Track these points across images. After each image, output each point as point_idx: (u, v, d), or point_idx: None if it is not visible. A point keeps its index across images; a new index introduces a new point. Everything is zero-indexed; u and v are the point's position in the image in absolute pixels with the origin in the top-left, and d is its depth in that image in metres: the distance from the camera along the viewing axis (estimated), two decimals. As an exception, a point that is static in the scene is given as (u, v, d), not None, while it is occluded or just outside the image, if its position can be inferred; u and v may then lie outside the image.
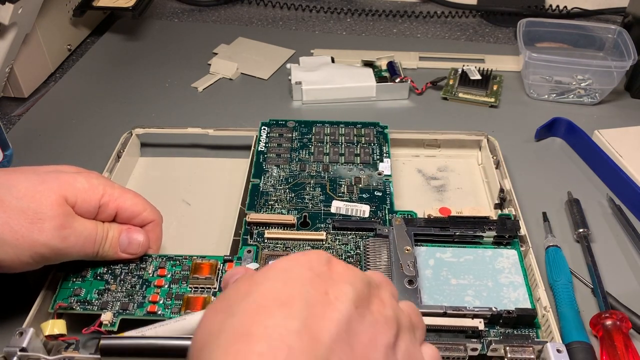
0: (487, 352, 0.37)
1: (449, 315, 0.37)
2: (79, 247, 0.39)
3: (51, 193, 0.38)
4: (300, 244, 0.44)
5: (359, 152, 0.52)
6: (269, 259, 0.42)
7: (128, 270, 0.42)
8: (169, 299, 0.40)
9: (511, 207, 0.48)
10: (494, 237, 0.44)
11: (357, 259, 0.42)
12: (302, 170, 0.50)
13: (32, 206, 0.37)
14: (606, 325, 0.41)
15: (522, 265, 0.43)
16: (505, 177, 0.51)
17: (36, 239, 0.37)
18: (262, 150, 0.52)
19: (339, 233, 0.44)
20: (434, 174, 0.55)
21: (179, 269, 0.42)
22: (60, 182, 0.39)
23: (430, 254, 0.44)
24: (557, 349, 0.37)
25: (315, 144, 0.53)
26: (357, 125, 0.55)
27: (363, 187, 0.48)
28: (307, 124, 0.55)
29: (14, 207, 0.37)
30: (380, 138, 0.53)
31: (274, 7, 0.84)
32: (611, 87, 0.63)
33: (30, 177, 0.39)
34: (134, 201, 0.42)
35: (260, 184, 0.48)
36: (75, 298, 0.40)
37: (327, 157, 0.51)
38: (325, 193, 0.48)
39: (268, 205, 0.46)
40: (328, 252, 0.42)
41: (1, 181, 0.38)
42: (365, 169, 0.50)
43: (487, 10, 0.81)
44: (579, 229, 0.49)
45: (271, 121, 0.55)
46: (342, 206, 0.47)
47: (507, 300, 0.41)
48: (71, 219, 0.39)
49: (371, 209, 0.46)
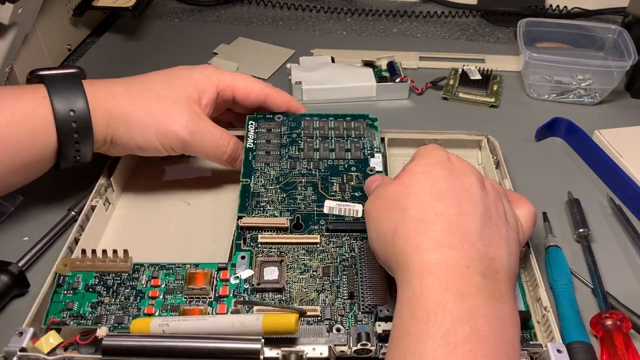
0: None
1: None
2: (204, 146, 0.47)
3: (180, 90, 0.47)
4: (294, 247, 0.43)
5: (350, 147, 0.51)
6: (264, 266, 0.41)
7: (120, 281, 0.41)
8: (164, 311, 0.40)
9: None
10: None
11: (352, 262, 0.42)
12: (292, 168, 0.49)
13: (169, 100, 0.46)
14: (606, 325, 0.41)
15: None
16: (506, 177, 0.51)
17: (170, 129, 0.45)
18: (251, 147, 0.50)
19: (332, 235, 0.44)
20: None
21: (173, 278, 0.41)
22: (184, 79, 0.48)
23: None
24: (558, 349, 0.37)
25: (305, 139, 0.51)
26: (346, 118, 0.53)
27: (355, 185, 0.48)
28: (296, 118, 0.53)
29: (154, 100, 0.46)
30: (370, 131, 0.53)
31: (274, 7, 0.84)
32: (611, 87, 0.63)
33: (161, 77, 0.48)
34: (245, 82, 0.50)
35: (251, 184, 0.47)
36: (68, 312, 0.39)
37: (318, 154, 0.50)
38: (317, 192, 0.47)
39: (260, 207, 0.46)
40: (322, 255, 0.43)
41: (140, 82, 0.47)
42: (356, 164, 0.49)
43: (487, 10, 0.81)
44: (579, 229, 0.49)
45: (258, 115, 0.53)
46: (335, 206, 0.46)
47: None
48: (198, 118, 0.47)
49: (364, 209, 0.46)
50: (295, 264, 0.42)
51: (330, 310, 0.39)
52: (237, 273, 0.42)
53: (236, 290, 0.41)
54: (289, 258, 0.42)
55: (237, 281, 0.41)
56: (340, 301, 0.40)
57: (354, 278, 0.41)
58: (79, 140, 0.44)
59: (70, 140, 0.43)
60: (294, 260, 0.42)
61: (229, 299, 0.40)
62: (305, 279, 0.41)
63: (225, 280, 0.41)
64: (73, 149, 0.44)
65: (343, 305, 0.40)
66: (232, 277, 0.41)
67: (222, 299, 0.40)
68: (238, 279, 0.41)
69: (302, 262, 0.42)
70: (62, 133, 0.43)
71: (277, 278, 0.41)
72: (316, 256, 0.43)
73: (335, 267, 0.42)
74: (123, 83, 0.47)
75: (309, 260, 0.42)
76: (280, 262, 0.42)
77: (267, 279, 0.41)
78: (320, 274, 0.42)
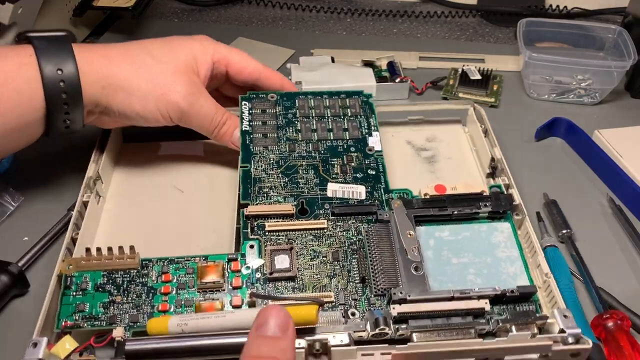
0: (495, 331, 0.38)
1: (456, 299, 0.38)
2: (200, 118, 0.47)
3: (181, 60, 0.46)
4: (302, 234, 0.43)
5: (347, 126, 0.50)
6: (274, 255, 0.41)
7: (130, 278, 0.40)
8: (178, 307, 0.39)
9: (503, 175, 0.49)
10: (488, 212, 0.45)
11: (360, 245, 0.42)
12: (292, 151, 0.48)
13: (170, 68, 0.45)
14: (608, 326, 0.41)
15: (516, 237, 0.44)
16: (495, 146, 0.51)
17: (171, 97, 0.45)
18: (247, 129, 0.49)
19: (338, 219, 0.44)
20: (423, 144, 0.56)
21: (183, 272, 0.41)
22: (184, 49, 0.47)
23: (429, 234, 0.44)
24: (564, 315, 0.37)
25: (302, 119, 0.50)
26: (340, 95, 0.53)
27: (356, 166, 0.47)
28: (290, 96, 0.52)
29: (156, 67, 0.45)
30: (366, 109, 0.52)
31: (274, 7, 0.84)
32: (611, 87, 0.63)
33: (161, 45, 0.47)
34: (240, 57, 0.50)
35: (251, 169, 0.46)
36: (80, 314, 0.38)
37: (316, 134, 0.49)
38: (319, 175, 0.47)
39: (263, 194, 0.45)
40: (330, 240, 0.43)
41: (138, 48, 0.46)
42: (355, 144, 0.49)
43: (487, 10, 0.81)
44: (562, 230, 0.49)
45: (251, 94, 0.51)
46: (338, 188, 0.46)
47: (505, 275, 0.42)
48: (197, 89, 0.47)
49: (367, 190, 0.46)
50: (305, 250, 0.42)
51: (344, 295, 0.40)
52: (247, 263, 0.41)
53: (248, 280, 0.40)
54: (297, 245, 0.42)
55: (248, 271, 0.41)
56: (352, 285, 0.40)
57: (364, 261, 0.41)
58: (68, 102, 0.42)
59: (58, 102, 0.42)
60: (303, 246, 0.42)
61: (243, 290, 0.40)
62: (316, 265, 0.41)
63: (236, 271, 0.41)
64: (62, 112, 0.43)
65: (355, 289, 0.40)
66: (244, 268, 0.41)
67: (236, 290, 0.40)
68: (249, 269, 0.41)
69: (311, 248, 0.42)
70: (50, 94, 0.42)
71: (289, 266, 0.41)
72: (324, 241, 0.43)
73: (344, 251, 0.42)
74: (119, 48, 0.46)
75: (318, 245, 0.42)
76: (290, 250, 0.41)
77: (278, 268, 0.41)
78: (330, 259, 0.42)
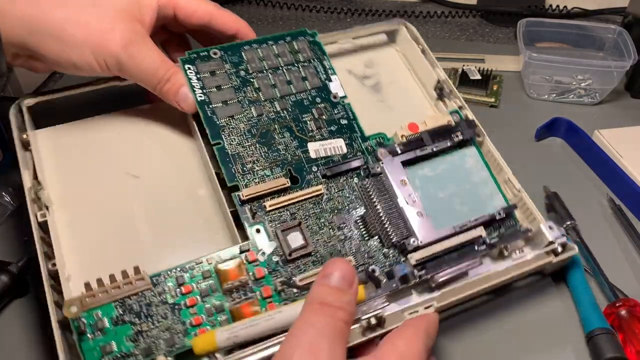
0: None
1: (458, 232, 0.41)
2: (142, 71, 0.41)
3: (120, 5, 0.41)
4: (302, 205, 0.41)
5: (305, 74, 0.46)
6: (285, 234, 0.39)
7: (147, 301, 0.36)
8: (210, 315, 0.37)
9: (455, 98, 0.49)
10: (459, 141, 0.46)
11: (360, 204, 0.42)
12: (259, 115, 0.44)
13: (109, 11, 0.40)
14: (621, 314, 0.42)
15: (482, 159, 0.46)
16: (436, 66, 0.50)
17: (108, 46, 0.40)
18: (203, 99, 0.43)
19: (330, 181, 0.43)
20: (363, 71, 0.53)
21: (200, 277, 0.37)
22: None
23: (414, 174, 0.44)
24: (549, 226, 0.41)
25: (256, 74, 0.45)
26: (286, 39, 0.48)
27: (327, 118, 0.45)
28: (234, 49, 0.46)
29: (91, 8, 0.40)
30: (316, 50, 0.48)
31: (274, 7, 0.84)
32: (611, 87, 0.63)
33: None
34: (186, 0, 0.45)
35: (226, 145, 0.42)
36: (109, 356, 0.34)
37: (277, 90, 0.45)
38: (296, 137, 0.44)
39: (248, 171, 0.41)
40: (330, 204, 0.42)
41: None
42: (319, 94, 0.46)
43: (487, 10, 0.81)
44: (567, 221, 0.49)
45: (191, 55, 0.45)
46: (319, 147, 0.44)
47: (485, 197, 0.44)
48: (139, 39, 0.41)
49: (346, 142, 0.44)
50: (310, 220, 0.41)
51: (361, 255, 0.40)
52: (260, 249, 0.39)
53: (268, 267, 0.39)
54: (301, 217, 0.41)
55: (264, 257, 0.39)
56: (364, 244, 0.41)
57: (372, 218, 0.41)
58: None
59: None
60: (307, 217, 0.41)
61: (267, 278, 0.38)
62: (325, 232, 0.41)
63: (254, 261, 0.39)
64: None
65: (369, 248, 0.41)
66: (259, 255, 0.39)
67: (261, 281, 0.38)
68: (265, 254, 0.39)
69: (315, 217, 0.41)
70: None
71: (304, 242, 0.40)
72: (325, 207, 0.42)
73: (347, 211, 0.42)
74: None
75: (320, 212, 0.41)
76: (299, 225, 0.40)
77: (295, 247, 0.39)
78: (337, 223, 0.41)
